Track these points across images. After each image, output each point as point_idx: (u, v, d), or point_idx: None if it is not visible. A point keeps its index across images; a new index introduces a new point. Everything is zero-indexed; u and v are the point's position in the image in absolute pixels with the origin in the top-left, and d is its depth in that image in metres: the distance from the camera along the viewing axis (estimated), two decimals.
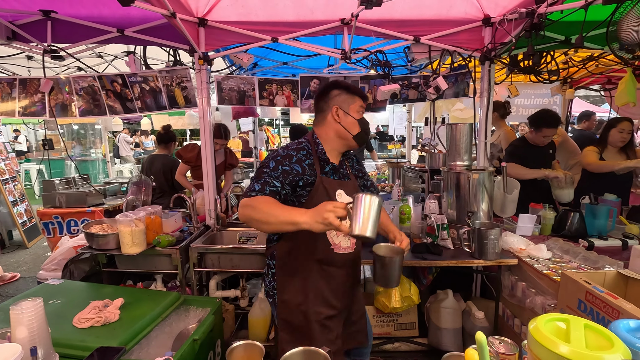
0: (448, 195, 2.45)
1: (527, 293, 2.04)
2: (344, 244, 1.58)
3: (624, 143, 3.01)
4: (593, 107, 11.14)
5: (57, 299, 1.97)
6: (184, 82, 2.73)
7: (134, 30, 2.65)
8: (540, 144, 3.05)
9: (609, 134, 3.04)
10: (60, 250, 3.07)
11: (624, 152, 3.06)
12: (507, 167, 2.99)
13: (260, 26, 2.66)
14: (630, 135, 2.99)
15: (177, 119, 6.07)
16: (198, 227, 2.78)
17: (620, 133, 2.99)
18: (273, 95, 3.01)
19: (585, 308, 1.54)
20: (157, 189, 3.84)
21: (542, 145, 3.06)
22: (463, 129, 2.39)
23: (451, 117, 5.13)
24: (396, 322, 2.61)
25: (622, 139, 2.99)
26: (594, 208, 2.56)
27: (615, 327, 0.84)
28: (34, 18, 2.61)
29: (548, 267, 2.01)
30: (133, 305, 1.91)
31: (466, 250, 2.23)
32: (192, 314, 2.08)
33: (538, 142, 3.05)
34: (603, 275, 1.73)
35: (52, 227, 3.91)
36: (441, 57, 2.73)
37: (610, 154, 3.05)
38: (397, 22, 2.63)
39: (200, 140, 2.76)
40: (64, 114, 2.91)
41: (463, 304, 2.56)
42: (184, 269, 2.45)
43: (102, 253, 2.39)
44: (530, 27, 2.00)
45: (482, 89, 2.72)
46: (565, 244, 2.26)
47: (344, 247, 1.58)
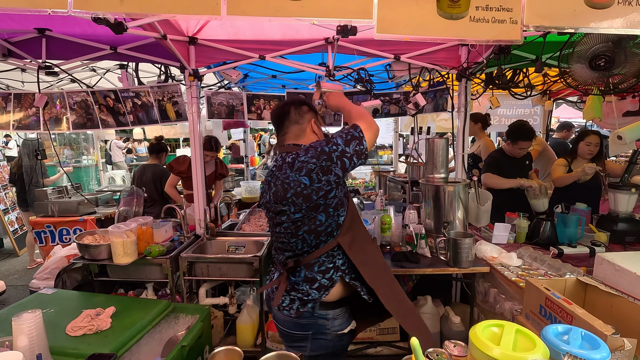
0: (426, 205, 2.58)
1: (497, 299, 2.17)
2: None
3: (592, 155, 3.18)
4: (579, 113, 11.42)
5: (50, 307, 2.04)
6: (175, 97, 2.84)
7: (126, 48, 2.75)
8: (517, 155, 3.22)
9: (578, 147, 3.21)
10: (52, 259, 3.14)
11: (594, 163, 3.22)
12: (485, 177, 3.15)
13: (248, 44, 2.78)
14: (598, 148, 3.15)
15: (169, 128, 6.17)
16: (188, 236, 2.88)
17: (587, 146, 3.15)
18: (261, 110, 3.13)
19: (545, 313, 1.67)
20: (148, 198, 3.92)
21: (519, 156, 3.22)
22: (440, 143, 2.53)
23: (436, 127, 5.30)
24: (378, 327, 2.73)
25: (589, 152, 3.16)
26: (565, 217, 2.70)
27: (546, 332, 0.97)
28: (29, 36, 2.70)
29: (517, 275, 2.15)
30: (124, 313, 1.99)
31: (442, 259, 2.36)
32: (181, 321, 2.17)
33: (514, 154, 3.21)
34: (564, 282, 1.86)
35: (44, 236, 3.97)
36: (420, 74, 2.88)
37: (580, 164, 3.21)
38: (378, 42, 2.77)
39: (191, 152, 2.87)
40: (57, 127, 2.99)
41: (442, 309, 2.69)
42: (174, 277, 2.54)
43: (94, 263, 2.47)
44: (499, 50, 2.15)
45: (459, 104, 2.87)
46: (534, 252, 2.40)
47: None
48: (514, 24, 1.13)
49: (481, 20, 1.14)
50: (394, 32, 1.12)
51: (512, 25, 1.13)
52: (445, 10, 1.11)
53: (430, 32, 1.14)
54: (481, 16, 1.14)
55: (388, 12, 1.12)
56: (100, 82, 3.90)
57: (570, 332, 0.97)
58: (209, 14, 1.20)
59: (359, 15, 1.15)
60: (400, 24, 1.12)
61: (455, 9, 1.10)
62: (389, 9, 1.12)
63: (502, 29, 1.14)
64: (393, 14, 1.13)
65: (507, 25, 1.13)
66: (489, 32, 1.14)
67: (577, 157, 3.25)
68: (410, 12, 1.13)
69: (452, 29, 1.13)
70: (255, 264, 2.48)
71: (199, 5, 1.21)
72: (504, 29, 1.14)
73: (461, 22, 1.12)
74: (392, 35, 1.13)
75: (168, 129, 6.17)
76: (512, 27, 1.13)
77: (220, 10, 1.19)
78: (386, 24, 1.11)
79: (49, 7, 1.13)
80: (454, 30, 1.13)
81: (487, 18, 1.13)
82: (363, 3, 1.17)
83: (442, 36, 1.16)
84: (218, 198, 3.71)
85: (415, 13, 1.14)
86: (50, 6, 1.13)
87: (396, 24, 1.12)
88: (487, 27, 1.13)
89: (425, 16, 1.13)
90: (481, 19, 1.14)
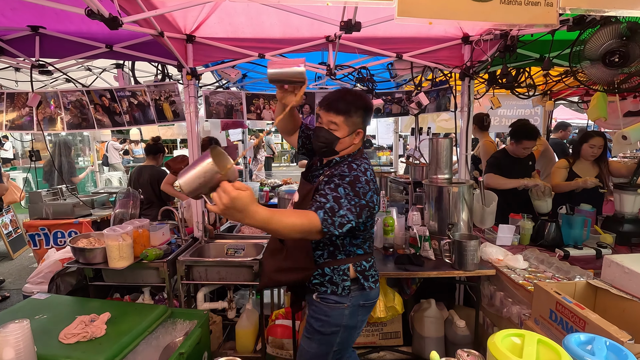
0: (430, 207, 2.53)
1: (504, 302, 2.12)
2: None
3: (595, 157, 3.12)
4: (576, 114, 11.43)
5: (43, 314, 1.98)
6: (172, 96, 2.77)
7: (122, 46, 2.69)
8: (521, 155, 3.16)
9: (582, 148, 3.16)
10: (46, 263, 3.06)
11: (597, 165, 3.17)
12: (487, 178, 3.09)
13: (248, 42, 2.73)
14: (602, 150, 3.10)
15: (167, 129, 6.10)
16: (186, 239, 2.81)
17: (591, 148, 3.09)
18: (260, 110, 3.07)
19: (556, 318, 1.62)
20: (145, 200, 3.84)
21: (522, 156, 3.17)
22: (444, 143, 2.48)
23: (437, 127, 5.25)
24: (381, 331, 2.67)
25: (592, 154, 3.10)
26: (570, 218, 2.66)
27: (568, 341, 0.91)
28: (22, 33, 2.63)
29: (524, 278, 2.10)
30: (119, 319, 1.93)
31: (447, 261, 2.30)
32: (179, 326, 2.11)
33: (518, 154, 3.16)
34: (574, 285, 1.81)
35: (38, 239, 3.89)
36: (423, 73, 2.83)
37: (583, 166, 3.17)
38: (380, 40, 2.72)
39: (189, 153, 2.80)
40: (51, 127, 2.92)
41: (446, 313, 2.63)
42: (171, 281, 2.47)
43: (89, 267, 2.40)
44: (504, 48, 2.11)
45: (462, 104, 2.82)
46: (540, 254, 2.35)
47: None
48: (549, 6, 1.05)
49: (513, 2, 1.05)
50: (416, 15, 1.03)
51: (547, 7, 1.05)
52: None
53: (456, 14, 1.06)
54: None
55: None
56: (96, 81, 3.82)
57: (594, 341, 0.91)
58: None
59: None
60: (422, 6, 1.03)
61: None
62: None
63: (536, 11, 1.06)
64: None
65: (541, 7, 1.05)
66: (522, 15, 1.06)
67: (579, 158, 3.20)
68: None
69: (480, 12, 1.05)
70: (255, 268, 2.41)
71: None
72: (538, 11, 1.05)
73: (491, 5, 1.04)
74: (414, 19, 1.05)
75: (165, 130, 6.10)
76: (547, 9, 1.05)
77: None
78: (408, 6, 1.02)
79: None
80: (482, 13, 1.05)
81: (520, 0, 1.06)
82: None
83: (470, 19, 1.08)
84: None
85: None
86: None
87: (419, 6, 1.02)
88: (519, 10, 1.05)
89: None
90: (513, 1, 1.06)
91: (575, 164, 3.21)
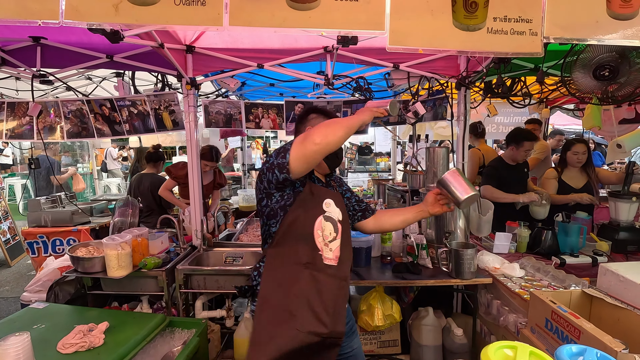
0: None
1: (501, 311, 2.13)
2: (327, 254, 1.49)
3: (581, 163, 3.15)
4: (572, 120, 11.51)
5: (41, 323, 1.98)
6: (172, 105, 2.80)
7: (123, 56, 2.72)
8: (521, 159, 3.18)
9: (567, 156, 3.19)
10: (45, 271, 3.05)
11: (585, 171, 3.20)
12: (485, 190, 3.12)
13: (246, 53, 2.76)
14: (587, 156, 3.13)
15: (166, 136, 6.13)
16: (185, 247, 2.82)
17: (575, 155, 3.12)
18: (259, 119, 3.10)
19: (551, 327, 1.63)
20: (145, 207, 3.86)
21: (522, 161, 3.19)
22: (440, 152, 2.51)
23: (434, 135, 5.29)
24: (379, 339, 2.67)
25: (577, 160, 3.13)
26: (566, 226, 2.68)
27: (560, 352, 0.93)
28: (24, 44, 2.66)
29: (520, 286, 2.11)
30: (118, 328, 1.93)
31: (444, 270, 2.32)
32: (177, 336, 2.12)
33: (519, 159, 3.18)
34: (569, 294, 1.83)
35: (36, 247, 3.89)
36: (419, 83, 2.87)
37: (571, 173, 3.19)
38: (377, 50, 2.76)
39: (188, 162, 2.82)
40: (51, 136, 2.94)
41: (444, 321, 2.63)
42: (170, 290, 2.48)
43: (88, 276, 2.41)
44: (499, 59, 2.14)
45: (459, 113, 2.85)
46: (537, 262, 2.36)
47: (327, 258, 1.49)
48: (534, 35, 1.08)
49: (499, 32, 1.08)
50: (407, 44, 1.07)
51: (531, 37, 1.08)
52: (462, 21, 1.06)
53: (445, 44, 1.09)
54: (499, 28, 1.08)
55: (401, 24, 1.06)
56: (97, 90, 3.85)
57: (585, 352, 0.93)
58: (210, 24, 1.14)
59: (370, 26, 1.09)
60: (413, 36, 1.07)
61: (472, 20, 1.05)
62: (401, 20, 1.06)
63: (521, 40, 1.09)
64: (406, 25, 1.07)
65: (526, 37, 1.08)
66: (508, 44, 1.09)
67: (567, 166, 3.23)
68: (425, 23, 1.07)
69: (468, 41, 1.08)
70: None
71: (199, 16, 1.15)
72: (524, 40, 1.08)
73: (478, 34, 1.07)
74: (405, 47, 1.08)
75: (165, 137, 6.13)
76: (532, 39, 1.08)
77: (222, 20, 1.13)
78: (399, 36, 1.05)
79: (40, 18, 1.09)
80: (470, 43, 1.08)
81: (506, 29, 1.08)
82: (375, 14, 1.11)
83: (458, 48, 1.10)
84: (215, 208, 3.66)
85: (430, 24, 1.08)
86: (41, 17, 1.08)
87: (409, 36, 1.06)
88: (505, 39, 1.08)
89: (440, 27, 1.08)
90: (499, 31, 1.08)
91: (563, 173, 3.24)
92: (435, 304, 2.70)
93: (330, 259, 1.50)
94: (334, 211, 1.52)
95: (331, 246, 1.51)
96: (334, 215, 1.52)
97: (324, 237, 1.49)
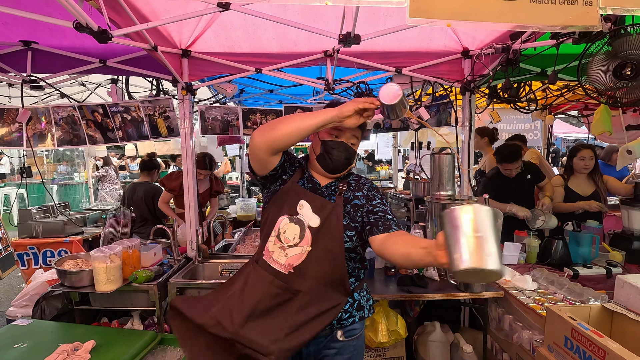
0: (432, 224, 2.43)
1: (514, 327, 2.00)
2: (277, 256, 1.35)
3: (588, 170, 3.05)
4: (574, 129, 11.48)
5: (23, 342, 1.86)
6: (167, 111, 2.71)
7: (116, 61, 2.64)
8: (508, 175, 3.09)
9: (573, 162, 3.09)
10: (32, 285, 2.92)
11: (591, 178, 3.09)
12: (478, 200, 3.01)
13: (244, 57, 2.68)
14: (593, 162, 3.03)
15: (163, 144, 6.04)
16: (179, 259, 2.70)
17: (582, 161, 3.02)
18: (257, 125, 3.01)
19: (572, 346, 1.51)
20: (139, 217, 3.74)
21: (510, 177, 3.09)
22: (445, 158, 2.40)
23: (437, 142, 5.20)
24: (383, 356, 2.53)
25: (585, 166, 3.03)
26: (577, 235, 2.57)
27: None
28: (14, 48, 2.58)
29: (534, 300, 1.99)
30: (105, 347, 1.81)
31: (452, 282, 2.20)
32: (169, 354, 1.99)
33: (506, 174, 3.10)
34: (588, 309, 1.71)
35: (27, 259, 3.76)
36: (423, 88, 2.78)
37: (578, 180, 3.09)
38: (379, 54, 2.68)
39: (183, 169, 2.72)
40: (41, 143, 2.84)
41: (451, 336, 2.50)
42: (162, 305, 2.35)
43: (75, 291, 2.28)
44: (506, 61, 2.06)
45: (463, 118, 2.77)
46: (550, 275, 2.24)
47: (274, 261, 1.35)
48: (589, 5, 0.95)
49: (545, 1, 0.96)
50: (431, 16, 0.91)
51: (585, 7, 0.94)
52: None
53: (479, 15, 0.94)
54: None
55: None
56: (90, 97, 3.77)
57: None
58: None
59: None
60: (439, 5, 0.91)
61: None
62: None
63: (572, 11, 0.94)
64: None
65: (579, 6, 0.94)
66: (556, 16, 0.94)
67: (573, 173, 3.13)
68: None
69: (508, 12, 0.93)
70: None
71: None
72: (576, 11, 0.94)
73: (519, 4, 0.93)
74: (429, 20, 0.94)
75: (161, 145, 6.04)
76: (587, 9, 0.94)
77: None
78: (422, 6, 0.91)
79: None
80: (510, 14, 0.93)
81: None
82: None
83: (494, 21, 0.96)
84: (212, 216, 3.54)
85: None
86: None
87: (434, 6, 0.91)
88: (552, 10, 0.94)
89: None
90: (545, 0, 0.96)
91: (570, 180, 3.13)
92: (442, 319, 2.57)
93: (280, 264, 1.34)
94: (307, 215, 1.35)
95: (288, 252, 1.34)
96: (305, 220, 1.35)
97: (284, 239, 1.35)
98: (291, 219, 1.36)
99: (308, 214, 1.36)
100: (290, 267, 1.33)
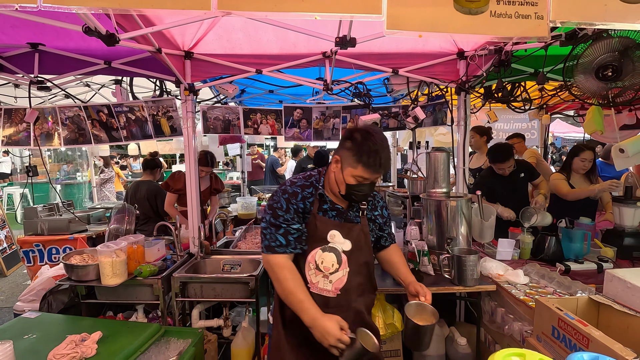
0: (428, 221, 2.50)
1: (505, 319, 2.07)
2: (323, 284, 1.51)
3: (586, 170, 3.14)
4: (572, 128, 11.51)
5: (32, 333, 1.93)
6: (170, 111, 2.78)
7: (121, 62, 2.71)
8: (502, 174, 3.16)
9: (573, 162, 3.17)
10: (39, 280, 3.00)
11: (588, 178, 3.19)
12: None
13: (245, 59, 2.75)
14: (592, 163, 3.13)
15: (165, 144, 6.11)
16: (181, 255, 2.77)
17: (582, 162, 3.11)
18: (258, 124, 3.08)
19: (558, 335, 1.58)
20: (142, 215, 3.81)
21: (504, 175, 3.16)
22: (441, 157, 2.47)
23: (435, 141, 5.27)
24: (381, 349, 2.60)
25: (584, 167, 3.12)
26: (570, 232, 2.63)
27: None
28: (22, 50, 2.66)
29: (525, 293, 2.06)
30: (111, 338, 1.88)
31: (446, 277, 2.26)
32: (172, 346, 2.05)
33: (500, 173, 3.17)
34: (575, 301, 1.78)
35: (32, 255, 3.83)
36: (419, 88, 2.85)
37: (575, 179, 3.17)
38: (376, 55, 2.75)
39: (185, 168, 2.80)
40: (48, 143, 2.92)
41: (447, 330, 2.57)
42: (166, 298, 2.42)
43: (81, 285, 2.35)
44: (499, 63, 2.13)
45: (459, 118, 2.83)
46: (541, 269, 2.31)
47: (322, 289, 1.51)
48: (540, 19, 1.05)
49: (503, 16, 1.05)
50: (405, 28, 1.02)
51: (537, 20, 1.04)
52: (463, 4, 1.02)
53: (446, 27, 1.05)
54: (503, 11, 1.05)
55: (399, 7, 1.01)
56: (95, 97, 3.85)
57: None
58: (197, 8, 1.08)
59: (366, 10, 1.04)
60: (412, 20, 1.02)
61: (474, 3, 1.02)
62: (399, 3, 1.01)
63: (526, 24, 1.05)
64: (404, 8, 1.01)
65: (532, 20, 1.04)
66: (512, 28, 1.05)
67: (572, 172, 3.21)
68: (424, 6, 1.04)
69: (470, 25, 1.04)
70: (252, 284, 2.37)
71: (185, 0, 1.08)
72: (529, 24, 1.05)
73: (481, 18, 1.04)
74: (404, 32, 1.04)
75: (164, 145, 6.12)
76: (538, 22, 1.04)
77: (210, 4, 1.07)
78: (397, 20, 1.01)
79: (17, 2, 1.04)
80: (472, 27, 1.04)
81: (510, 13, 1.04)
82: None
83: (459, 32, 1.06)
84: (214, 214, 3.61)
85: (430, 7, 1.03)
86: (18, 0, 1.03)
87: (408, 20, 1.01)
88: (509, 23, 1.05)
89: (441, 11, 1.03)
90: (503, 14, 1.05)
91: (569, 179, 3.21)
92: (438, 313, 2.63)
93: (328, 290, 1.52)
94: (339, 242, 1.52)
95: (332, 278, 1.51)
96: (339, 246, 1.52)
97: (324, 268, 1.50)
98: (324, 249, 1.51)
99: (340, 240, 1.52)
100: (337, 290, 1.53)
